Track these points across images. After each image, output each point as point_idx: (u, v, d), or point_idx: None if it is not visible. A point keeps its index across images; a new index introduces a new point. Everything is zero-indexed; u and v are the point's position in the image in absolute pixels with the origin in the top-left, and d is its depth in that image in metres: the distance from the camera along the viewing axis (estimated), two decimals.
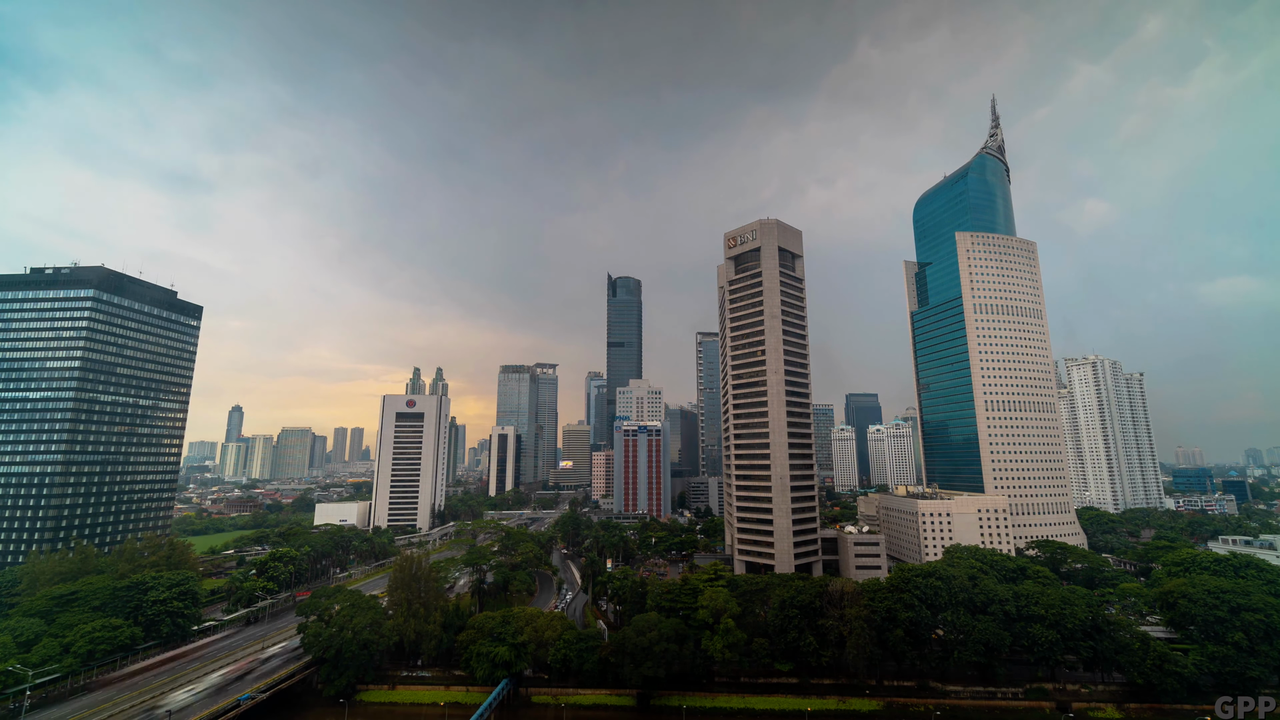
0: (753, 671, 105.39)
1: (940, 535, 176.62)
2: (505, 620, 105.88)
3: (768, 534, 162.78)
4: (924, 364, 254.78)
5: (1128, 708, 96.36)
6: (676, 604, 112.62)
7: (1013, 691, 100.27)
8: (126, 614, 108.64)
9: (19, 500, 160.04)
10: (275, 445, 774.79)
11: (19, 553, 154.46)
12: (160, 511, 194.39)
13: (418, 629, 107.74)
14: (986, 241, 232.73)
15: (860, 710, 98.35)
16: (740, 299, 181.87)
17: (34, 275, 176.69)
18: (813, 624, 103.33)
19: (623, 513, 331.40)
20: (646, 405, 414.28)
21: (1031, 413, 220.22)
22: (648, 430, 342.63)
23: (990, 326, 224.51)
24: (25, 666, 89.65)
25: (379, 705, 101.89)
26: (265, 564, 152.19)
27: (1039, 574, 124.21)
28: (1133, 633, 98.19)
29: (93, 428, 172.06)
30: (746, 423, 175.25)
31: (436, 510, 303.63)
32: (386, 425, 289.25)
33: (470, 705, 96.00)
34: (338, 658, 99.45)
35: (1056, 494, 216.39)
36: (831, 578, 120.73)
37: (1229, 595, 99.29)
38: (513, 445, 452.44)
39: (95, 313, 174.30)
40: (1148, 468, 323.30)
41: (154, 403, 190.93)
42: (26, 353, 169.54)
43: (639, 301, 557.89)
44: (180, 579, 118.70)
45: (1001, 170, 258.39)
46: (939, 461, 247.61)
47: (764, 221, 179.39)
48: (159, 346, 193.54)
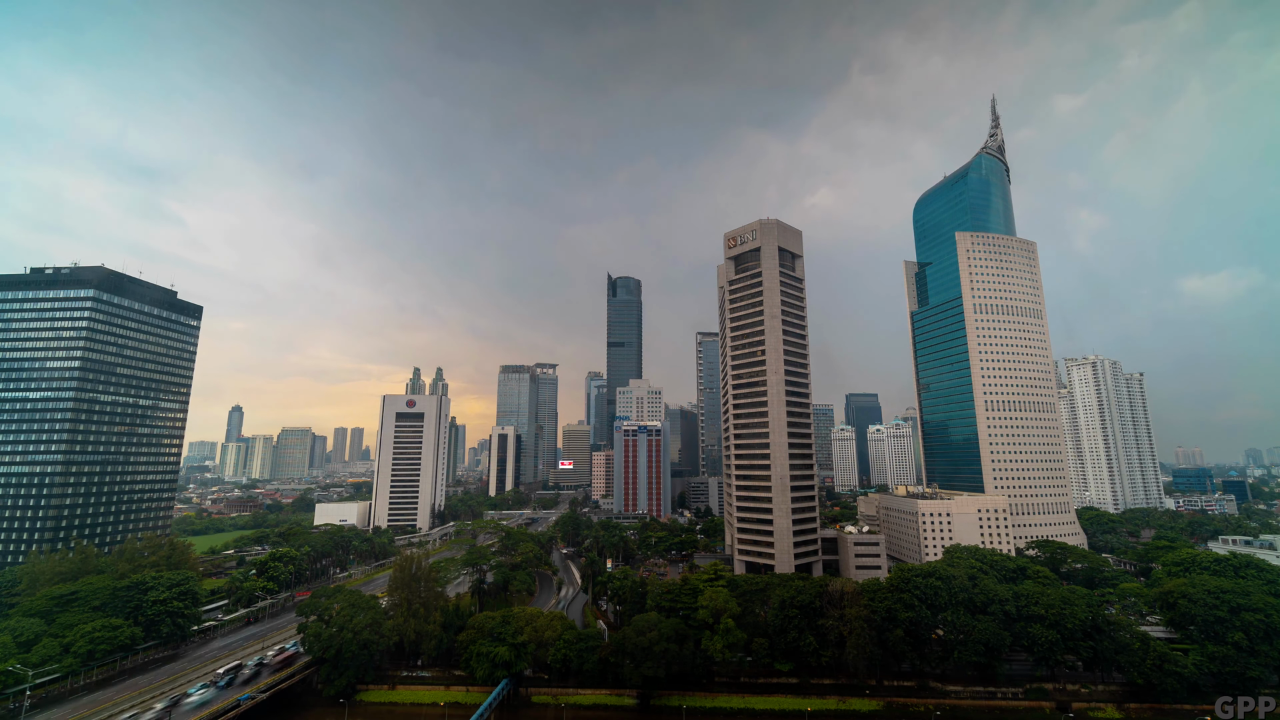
0: (753, 671, 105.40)
1: (940, 535, 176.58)
2: (505, 620, 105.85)
3: (768, 534, 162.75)
4: (924, 364, 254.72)
5: (1128, 708, 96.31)
6: (676, 604, 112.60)
7: (1013, 691, 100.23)
8: (126, 614, 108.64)
9: (19, 500, 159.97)
10: (275, 445, 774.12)
11: (19, 553, 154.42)
12: (160, 511, 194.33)
13: (418, 629, 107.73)
14: (986, 241, 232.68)
15: (860, 710, 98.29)
16: (740, 299, 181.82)
17: (34, 275, 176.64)
18: (813, 624, 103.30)
19: (623, 513, 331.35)
20: (646, 405, 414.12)
21: (1031, 413, 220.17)
22: (648, 430, 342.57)
23: (990, 326, 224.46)
24: (25, 666, 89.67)
25: (379, 705, 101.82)
26: (265, 564, 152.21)
27: (1039, 574, 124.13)
28: (1133, 633, 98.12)
29: (93, 428, 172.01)
30: (746, 423, 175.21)
31: (436, 510, 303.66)
32: (386, 425, 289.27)
33: (470, 705, 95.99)
34: (338, 658, 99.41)
35: (1056, 494, 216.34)
36: (831, 578, 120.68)
37: (1229, 595, 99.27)
38: (513, 445, 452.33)
39: (95, 313, 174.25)
40: (1148, 468, 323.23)
41: (154, 403, 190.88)
42: (26, 353, 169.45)
43: (639, 301, 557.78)
44: (180, 579, 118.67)
45: (1001, 170, 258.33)
46: (939, 461, 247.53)
47: (764, 221, 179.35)
48: (159, 346, 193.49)
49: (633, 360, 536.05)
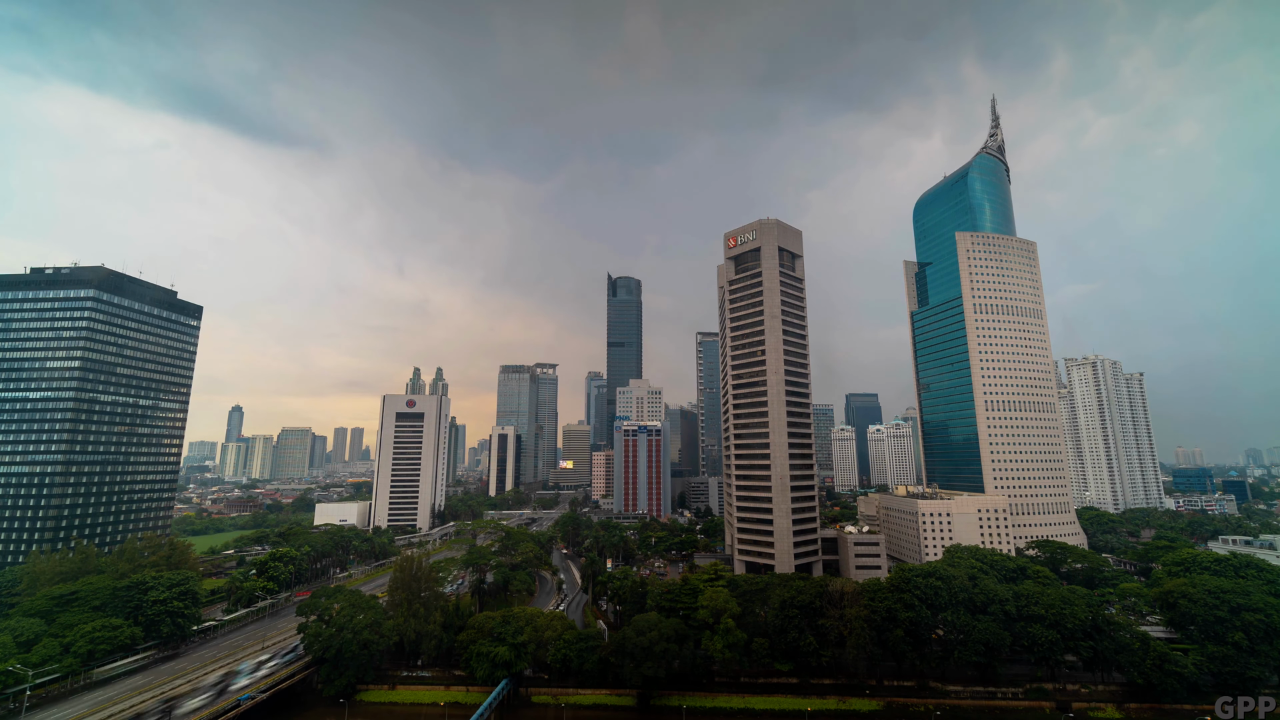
0: (753, 671, 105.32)
1: (940, 535, 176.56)
2: (505, 620, 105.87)
3: (768, 534, 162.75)
4: (924, 364, 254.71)
5: (1128, 708, 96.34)
6: (676, 604, 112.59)
7: (1013, 691, 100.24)
8: (126, 614, 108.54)
9: (19, 500, 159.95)
10: (275, 445, 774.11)
11: (19, 553, 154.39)
12: (160, 511, 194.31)
13: (418, 629, 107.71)
14: (986, 241, 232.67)
15: (860, 710, 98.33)
16: (740, 299, 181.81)
17: (34, 275, 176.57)
18: (813, 624, 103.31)
19: (623, 513, 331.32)
20: (646, 405, 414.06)
21: (1031, 413, 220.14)
22: (648, 430, 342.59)
23: (990, 326, 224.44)
24: (25, 666, 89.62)
25: (379, 705, 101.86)
26: (265, 564, 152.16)
27: (1039, 574, 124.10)
28: (1133, 633, 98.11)
29: (93, 428, 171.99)
30: (746, 423, 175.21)
31: (436, 510, 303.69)
32: (386, 425, 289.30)
33: (470, 705, 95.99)
34: (338, 658, 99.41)
35: (1056, 494, 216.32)
36: (831, 578, 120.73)
37: (1229, 595, 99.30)
38: (513, 445, 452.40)
39: (95, 313, 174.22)
40: (1148, 468, 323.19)
41: (154, 403, 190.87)
42: (26, 353, 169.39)
43: (639, 301, 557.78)
44: (180, 579, 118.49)
45: (1001, 170, 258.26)
46: (939, 461, 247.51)
47: (764, 221, 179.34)
48: (159, 346, 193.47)
49: (633, 360, 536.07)
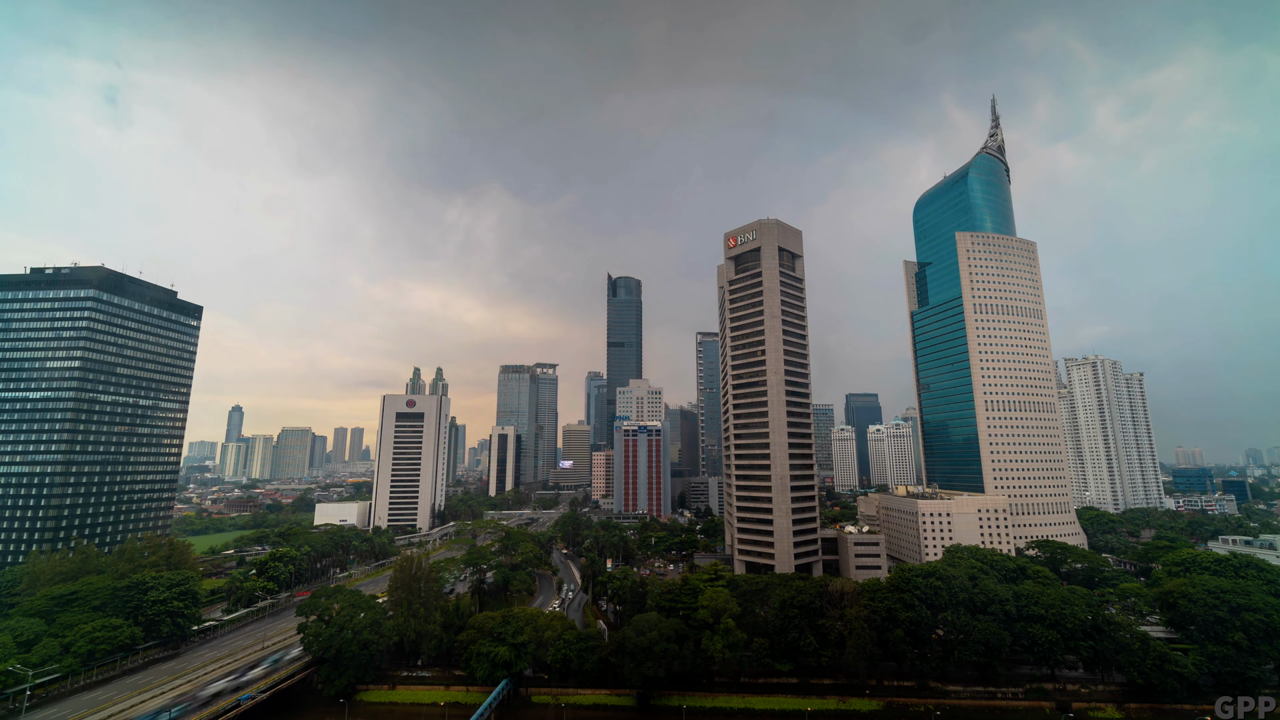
0: (753, 671, 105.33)
1: (940, 535, 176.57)
2: (505, 620, 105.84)
3: (768, 534, 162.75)
4: (924, 364, 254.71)
5: (1128, 708, 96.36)
6: (676, 604, 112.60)
7: (1013, 691, 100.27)
8: (126, 614, 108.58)
9: (19, 500, 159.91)
10: (275, 445, 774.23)
11: (19, 553, 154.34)
12: (160, 511, 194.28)
13: (418, 629, 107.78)
14: (986, 241, 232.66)
15: (860, 710, 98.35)
16: (740, 299, 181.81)
17: (34, 275, 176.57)
18: (813, 624, 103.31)
19: (623, 513, 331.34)
20: (646, 405, 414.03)
21: (1031, 413, 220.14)
22: (648, 430, 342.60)
23: (990, 326, 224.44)
24: (25, 666, 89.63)
25: (379, 705, 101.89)
26: (265, 564, 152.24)
27: (1039, 574, 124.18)
28: (1133, 633, 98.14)
29: (93, 428, 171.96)
30: (746, 423, 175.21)
31: (436, 510, 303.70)
32: (386, 425, 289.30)
33: (470, 705, 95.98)
34: (338, 658, 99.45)
35: (1056, 494, 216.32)
36: (831, 578, 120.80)
37: (1229, 595, 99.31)
38: (513, 445, 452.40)
39: (95, 313, 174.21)
40: (1148, 468, 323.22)
41: (154, 403, 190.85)
42: (26, 353, 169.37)
43: (639, 301, 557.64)
44: (180, 579, 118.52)
45: (1001, 170, 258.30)
46: (939, 461, 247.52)
47: (764, 221, 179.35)
48: (159, 346, 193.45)
49: (633, 360, 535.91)
